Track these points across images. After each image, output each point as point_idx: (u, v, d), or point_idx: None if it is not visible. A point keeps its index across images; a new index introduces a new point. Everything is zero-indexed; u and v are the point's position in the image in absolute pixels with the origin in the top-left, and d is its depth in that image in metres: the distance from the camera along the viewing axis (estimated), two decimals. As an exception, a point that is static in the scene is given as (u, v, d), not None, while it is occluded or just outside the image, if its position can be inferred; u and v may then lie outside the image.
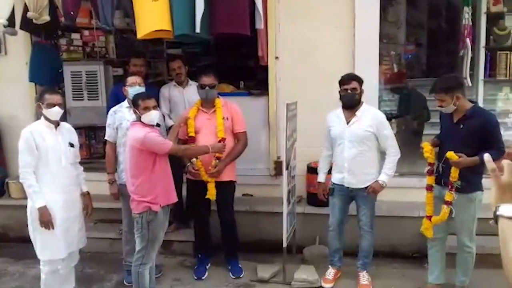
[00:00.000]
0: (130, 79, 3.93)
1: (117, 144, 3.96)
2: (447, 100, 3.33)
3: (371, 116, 3.75)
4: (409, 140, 5.76)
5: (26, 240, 4.87)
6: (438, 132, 3.76)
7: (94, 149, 5.77)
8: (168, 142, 3.45)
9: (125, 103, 3.97)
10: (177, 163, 3.90)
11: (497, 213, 1.19)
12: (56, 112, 3.45)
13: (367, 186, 3.76)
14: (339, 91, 3.76)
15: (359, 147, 3.72)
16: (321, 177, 4.03)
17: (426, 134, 5.62)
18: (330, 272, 4.04)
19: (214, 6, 3.89)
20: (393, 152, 3.77)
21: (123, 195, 3.93)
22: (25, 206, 3.47)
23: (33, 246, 3.53)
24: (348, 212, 4.01)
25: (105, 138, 4.06)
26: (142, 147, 3.31)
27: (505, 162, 1.24)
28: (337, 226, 3.96)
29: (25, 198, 4.87)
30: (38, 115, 4.76)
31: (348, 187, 3.81)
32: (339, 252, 4.06)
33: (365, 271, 3.97)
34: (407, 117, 6.01)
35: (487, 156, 1.27)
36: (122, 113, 3.93)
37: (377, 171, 3.79)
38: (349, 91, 3.70)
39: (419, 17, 6.96)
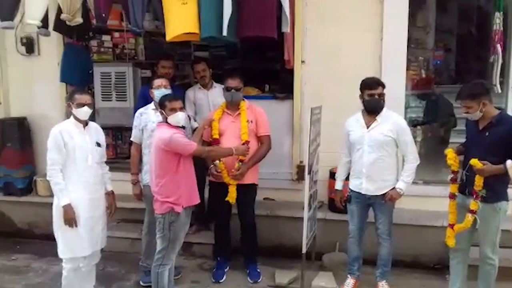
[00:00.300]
0: (156, 82, 3.98)
1: (142, 146, 4.01)
2: (474, 106, 3.26)
3: (392, 121, 3.71)
4: (435, 148, 5.67)
5: (50, 238, 4.99)
6: (465, 140, 3.68)
7: (120, 149, 5.88)
8: (192, 144, 3.49)
9: (151, 105, 4.02)
10: (200, 164, 3.92)
11: None
12: (85, 112, 3.53)
13: (385, 194, 3.71)
14: (363, 96, 3.72)
15: (378, 153, 3.68)
16: (338, 185, 4.00)
17: (452, 142, 5.51)
18: (349, 283, 3.97)
19: (241, 9, 3.92)
20: (412, 159, 3.71)
21: (146, 196, 3.98)
22: (51, 204, 3.54)
23: (57, 243, 3.60)
24: (367, 219, 3.96)
25: (131, 139, 4.12)
26: (167, 148, 3.35)
27: None
28: (356, 233, 3.91)
29: (52, 196, 5.03)
30: (68, 115, 4.92)
31: (365, 195, 3.77)
32: (358, 260, 4.00)
33: (384, 281, 3.90)
34: (433, 124, 5.91)
35: (509, 163, 1.25)
36: (147, 115, 3.98)
37: (395, 177, 3.75)
38: (375, 96, 3.66)
39: (448, 22, 6.84)
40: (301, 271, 4.04)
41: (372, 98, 3.67)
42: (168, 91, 3.88)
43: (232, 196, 3.97)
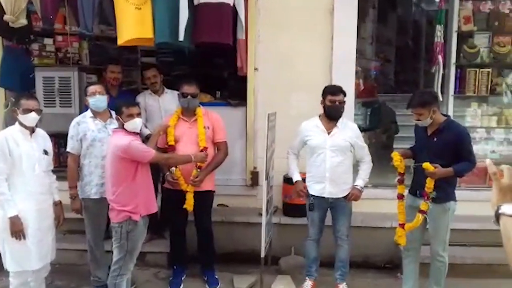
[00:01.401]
0: (91, 89, 3.78)
1: (81, 156, 3.80)
2: (425, 114, 3.45)
3: (350, 128, 3.90)
4: (379, 153, 5.93)
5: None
6: (406, 146, 3.93)
7: (64, 157, 5.57)
8: (151, 151, 3.41)
9: (89, 113, 3.82)
10: (152, 171, 3.80)
11: (499, 211, 1.29)
12: (32, 118, 3.37)
13: (346, 195, 3.85)
14: (324, 102, 3.82)
15: (340, 157, 3.81)
16: (297, 176, 3.96)
17: (395, 148, 5.79)
18: (308, 285, 4.03)
19: (197, 15, 3.93)
20: (369, 161, 3.94)
21: (87, 209, 3.83)
22: None
23: (1, 257, 3.40)
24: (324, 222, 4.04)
25: (67, 150, 3.86)
26: (124, 155, 3.25)
27: (504, 166, 1.35)
28: (316, 235, 3.99)
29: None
30: (6, 121, 4.65)
31: (328, 198, 3.85)
32: (316, 262, 4.07)
33: (344, 283, 3.99)
34: (377, 130, 6.19)
35: (488, 161, 1.36)
36: (86, 123, 3.78)
37: (352, 180, 3.91)
38: (337, 103, 3.78)
39: (388, 35, 7.21)
40: (259, 275, 4.06)
41: (334, 105, 3.78)
42: (103, 98, 3.74)
43: (189, 203, 3.91)
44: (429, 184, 3.44)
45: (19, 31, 4.17)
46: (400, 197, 3.70)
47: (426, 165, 3.37)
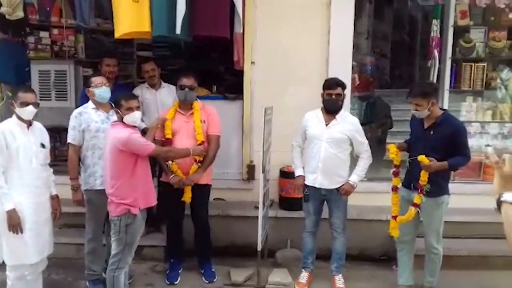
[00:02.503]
0: (96, 80, 3.78)
1: (83, 147, 3.78)
2: (423, 105, 3.48)
3: (350, 122, 3.89)
4: (374, 147, 5.95)
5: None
6: (400, 141, 3.94)
7: (59, 151, 5.59)
8: (150, 144, 3.41)
9: (91, 104, 3.81)
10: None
11: (501, 199, 1.32)
12: (29, 111, 3.35)
13: (339, 188, 3.86)
14: (322, 95, 3.85)
15: (335, 149, 3.82)
16: (300, 171, 4.02)
17: (389, 143, 5.80)
18: (304, 276, 4.08)
19: (194, 8, 3.93)
20: (367, 156, 3.93)
21: (89, 201, 3.83)
22: None
23: (-3, 251, 3.39)
24: (322, 214, 4.07)
25: (68, 141, 3.82)
26: (124, 148, 3.25)
27: (506, 156, 1.38)
28: (312, 228, 4.03)
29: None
30: (2, 115, 4.63)
31: (320, 189, 3.89)
32: (312, 254, 4.12)
33: (340, 274, 4.04)
34: (372, 125, 6.21)
35: (490, 150, 1.40)
36: (88, 114, 3.76)
37: (348, 174, 3.91)
38: (333, 96, 3.79)
39: (384, 29, 7.23)
40: (256, 268, 4.10)
41: (330, 98, 3.81)
42: (108, 89, 3.75)
43: (188, 196, 3.94)
44: (423, 177, 3.48)
45: (15, 24, 4.15)
46: (395, 189, 3.75)
47: (422, 157, 3.40)
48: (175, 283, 4.14)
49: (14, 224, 3.25)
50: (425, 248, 3.77)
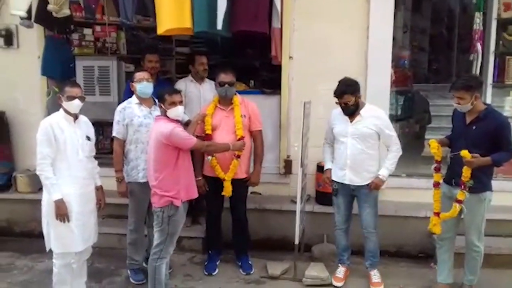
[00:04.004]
0: (138, 75, 3.89)
1: (127, 141, 3.90)
2: (467, 98, 3.40)
3: (375, 116, 3.81)
4: (412, 143, 5.90)
5: (30, 235, 4.92)
6: (439, 136, 3.86)
7: (102, 144, 5.78)
8: (192, 138, 3.49)
9: (134, 99, 3.92)
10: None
11: None
12: (76, 105, 3.46)
13: (368, 184, 3.81)
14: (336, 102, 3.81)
15: (362, 144, 3.78)
16: (328, 164, 4.03)
17: (427, 138, 5.74)
18: (341, 271, 4.09)
19: (235, 4, 3.96)
20: (396, 150, 3.83)
21: (132, 193, 3.95)
22: (31, 201, 3.47)
23: (40, 240, 3.53)
24: (352, 210, 4.04)
25: (113, 135, 3.96)
26: (167, 142, 3.34)
27: None
28: (343, 224, 4.02)
29: (32, 192, 4.94)
30: (49, 109, 4.81)
31: (349, 185, 3.86)
32: (347, 250, 4.12)
33: (375, 269, 4.04)
34: (410, 120, 6.13)
35: None
36: (131, 109, 3.88)
37: (377, 169, 3.85)
38: (343, 104, 3.75)
39: (424, 23, 7.09)
40: (293, 261, 4.13)
41: (341, 106, 3.77)
42: (150, 85, 3.85)
43: (227, 190, 4.01)
44: (466, 173, 3.41)
45: (60, 21, 4.29)
46: (436, 185, 3.67)
47: (464, 153, 3.33)
48: (213, 274, 4.23)
49: (62, 213, 3.37)
50: (466, 245, 3.70)
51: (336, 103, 3.78)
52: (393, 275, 4.21)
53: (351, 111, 3.78)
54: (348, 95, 3.71)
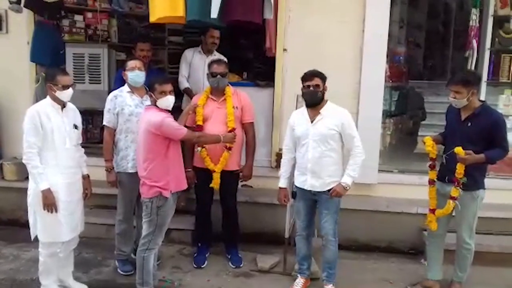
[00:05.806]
0: (130, 63, 3.82)
1: (117, 131, 3.84)
2: (463, 93, 3.36)
3: (336, 114, 3.54)
4: (405, 139, 5.88)
5: (17, 223, 4.84)
6: (432, 133, 3.82)
7: (91, 133, 5.71)
8: (183, 128, 3.44)
9: (126, 88, 3.86)
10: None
11: None
12: (69, 94, 3.39)
13: (330, 189, 3.53)
14: (301, 89, 3.59)
15: (323, 147, 3.50)
16: (282, 183, 3.77)
17: (421, 135, 5.73)
18: (299, 282, 3.84)
19: (229, -7, 3.88)
20: (358, 153, 3.51)
21: (121, 183, 3.90)
22: (18, 189, 3.40)
23: (27, 228, 3.47)
24: (315, 216, 3.79)
25: (104, 123, 3.89)
26: (157, 132, 3.28)
27: None
28: (303, 230, 3.77)
29: (19, 180, 4.86)
30: (37, 96, 4.72)
31: (310, 191, 3.60)
32: (307, 259, 3.86)
33: (331, 284, 3.72)
34: (404, 116, 6.10)
35: None
36: (122, 98, 3.81)
37: (341, 174, 3.55)
38: (311, 87, 3.50)
39: (420, 19, 7.05)
40: (283, 255, 4.10)
41: (307, 90, 3.52)
42: (142, 73, 3.79)
43: (216, 182, 3.96)
44: (460, 169, 3.38)
45: (51, 6, 4.20)
46: (431, 182, 3.66)
47: (458, 149, 3.31)
48: (202, 266, 4.19)
49: (49, 203, 3.31)
50: (457, 242, 3.68)
51: (302, 90, 3.56)
52: (384, 271, 4.21)
53: (316, 100, 3.52)
54: (318, 79, 3.51)
